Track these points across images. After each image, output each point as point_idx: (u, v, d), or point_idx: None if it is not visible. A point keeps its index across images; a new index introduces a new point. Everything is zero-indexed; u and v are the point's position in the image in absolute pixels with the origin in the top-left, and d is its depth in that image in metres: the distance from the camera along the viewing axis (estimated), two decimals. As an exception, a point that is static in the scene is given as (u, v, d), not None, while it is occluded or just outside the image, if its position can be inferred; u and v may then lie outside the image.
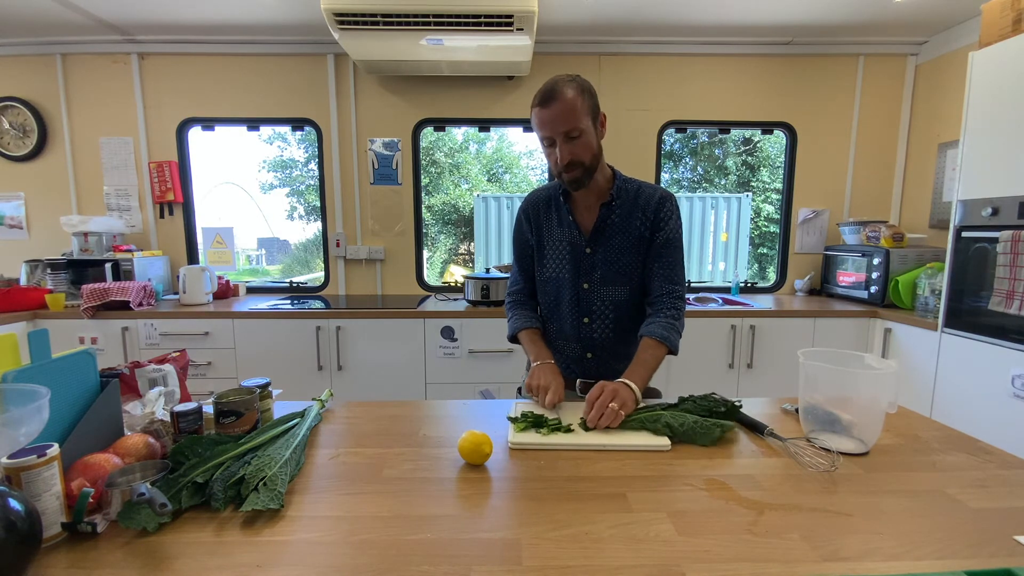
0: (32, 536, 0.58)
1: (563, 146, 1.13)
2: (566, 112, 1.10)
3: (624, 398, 1.05)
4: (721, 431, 0.98)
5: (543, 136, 1.15)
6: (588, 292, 1.28)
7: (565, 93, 1.10)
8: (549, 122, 1.12)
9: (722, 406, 1.07)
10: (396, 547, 0.66)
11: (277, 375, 2.53)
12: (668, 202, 1.25)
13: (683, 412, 1.04)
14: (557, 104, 1.10)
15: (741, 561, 0.63)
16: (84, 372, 0.84)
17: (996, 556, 0.64)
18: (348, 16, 2.20)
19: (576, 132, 1.12)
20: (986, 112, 1.99)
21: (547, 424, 1.03)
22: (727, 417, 1.06)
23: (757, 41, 2.95)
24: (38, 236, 3.08)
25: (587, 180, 1.19)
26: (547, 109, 1.11)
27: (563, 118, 1.11)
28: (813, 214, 3.16)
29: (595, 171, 1.19)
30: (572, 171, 1.16)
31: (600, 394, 1.06)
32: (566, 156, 1.14)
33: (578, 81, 1.14)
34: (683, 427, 0.98)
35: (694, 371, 2.63)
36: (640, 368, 1.15)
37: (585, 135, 1.13)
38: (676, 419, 1.00)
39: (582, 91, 1.13)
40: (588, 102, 1.13)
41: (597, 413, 1.02)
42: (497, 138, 8.56)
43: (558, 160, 1.15)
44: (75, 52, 2.93)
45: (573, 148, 1.13)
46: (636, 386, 1.10)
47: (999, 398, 1.95)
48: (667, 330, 1.20)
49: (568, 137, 1.12)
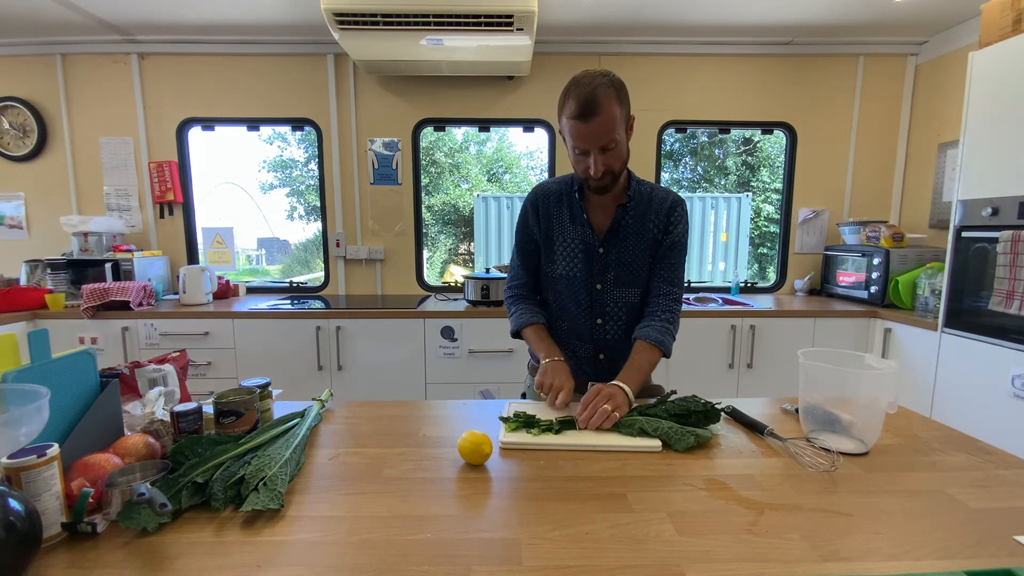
0: (32, 536, 0.58)
1: (598, 158, 1.09)
2: (607, 127, 1.06)
3: (618, 401, 1.05)
4: (695, 440, 0.95)
5: (577, 147, 1.11)
6: (601, 293, 1.26)
7: (606, 106, 1.04)
8: (588, 136, 1.07)
9: (701, 407, 1.04)
10: (396, 547, 0.66)
11: (277, 375, 2.53)
12: (680, 206, 1.25)
13: (657, 417, 1.02)
14: (597, 119, 1.04)
15: (741, 561, 0.63)
16: (84, 372, 0.84)
17: (996, 556, 0.64)
18: (348, 16, 2.20)
19: (613, 144, 1.08)
20: (986, 112, 1.99)
21: (538, 424, 1.02)
22: (706, 418, 1.04)
23: (757, 41, 2.95)
24: (38, 236, 3.08)
25: (614, 185, 1.17)
26: (586, 123, 1.05)
27: (603, 133, 1.06)
28: (813, 214, 3.16)
29: (621, 176, 1.18)
30: (603, 179, 1.13)
31: (595, 396, 1.06)
32: (600, 168, 1.10)
33: (615, 85, 1.07)
34: (656, 432, 0.97)
35: (694, 371, 2.63)
36: (634, 371, 1.15)
37: (620, 145, 1.10)
38: (650, 424, 0.99)
39: (620, 100, 1.07)
40: (624, 110, 1.09)
41: (589, 414, 1.02)
42: (497, 138, 8.56)
43: (591, 170, 1.11)
44: (75, 52, 2.93)
45: (607, 159, 1.10)
46: (630, 389, 1.10)
47: (999, 398, 1.95)
48: (661, 333, 1.20)
49: (604, 149, 1.08)
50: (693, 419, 1.03)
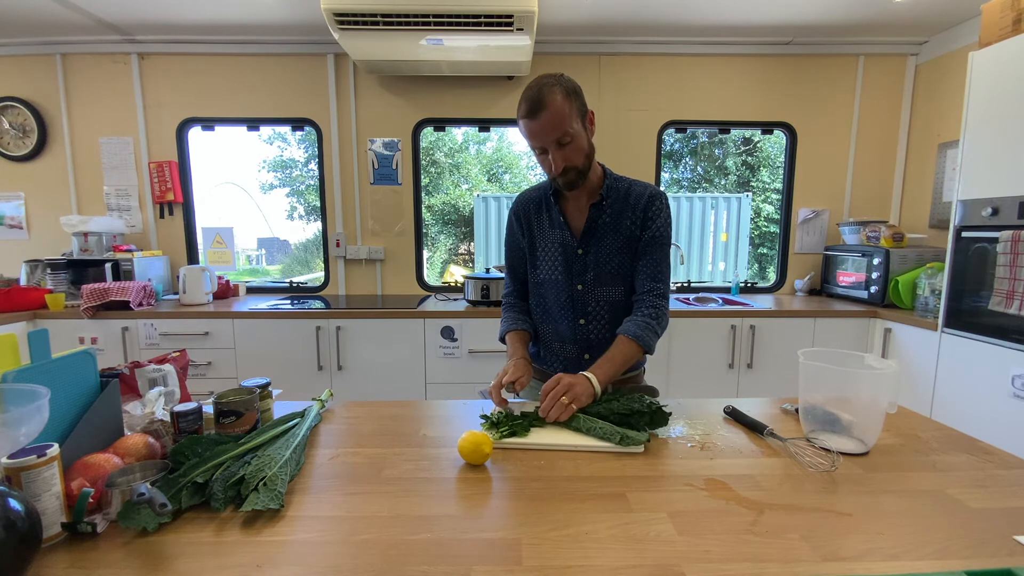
0: (32, 536, 0.58)
1: (556, 153, 1.12)
2: (555, 121, 1.08)
3: (577, 392, 1.05)
4: (621, 439, 0.93)
5: (534, 145, 1.14)
6: (583, 293, 1.27)
7: (551, 101, 1.07)
8: (539, 132, 1.10)
9: (646, 408, 1.01)
10: (396, 547, 0.66)
11: (277, 375, 2.53)
12: (658, 200, 1.24)
13: (597, 416, 1.01)
14: (545, 114, 1.08)
15: (741, 561, 0.63)
16: (84, 372, 0.84)
17: (996, 556, 0.64)
18: (348, 16, 2.20)
19: (567, 138, 1.11)
20: (986, 112, 1.99)
21: (507, 424, 1.01)
22: (651, 420, 1.01)
23: (757, 41, 2.95)
24: (38, 236, 3.08)
25: (582, 180, 1.18)
26: (535, 120, 1.09)
27: (552, 127, 1.09)
28: (813, 214, 3.16)
29: (589, 171, 1.19)
30: (567, 175, 1.16)
31: (554, 385, 1.06)
32: (560, 163, 1.13)
33: (562, 83, 1.10)
34: (590, 431, 0.98)
35: (694, 371, 2.63)
36: (606, 363, 1.15)
37: (576, 139, 1.12)
38: (586, 423, 0.99)
39: (567, 94, 1.10)
40: (575, 104, 1.11)
41: (549, 404, 1.03)
42: (497, 138, 8.55)
43: (552, 167, 1.14)
44: (75, 52, 2.93)
45: (566, 154, 1.13)
46: (597, 380, 1.09)
47: (999, 398, 1.95)
48: (642, 329, 1.19)
49: (559, 144, 1.11)
50: (634, 420, 1.00)
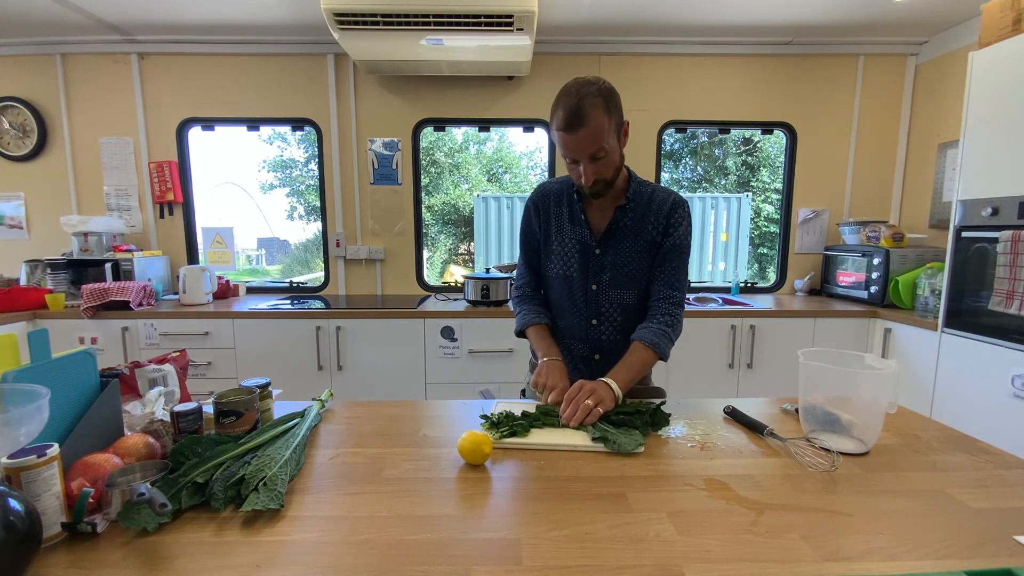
0: (32, 536, 0.58)
1: (588, 166, 1.10)
2: (592, 137, 1.05)
3: (601, 396, 1.05)
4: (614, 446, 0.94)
5: (566, 155, 1.11)
6: (596, 294, 1.26)
7: (592, 116, 1.04)
8: (574, 147, 1.07)
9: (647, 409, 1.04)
10: (396, 547, 0.66)
11: (277, 375, 2.53)
12: (680, 208, 1.23)
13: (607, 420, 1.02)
14: (584, 130, 1.04)
15: (741, 561, 0.63)
16: (84, 372, 0.84)
17: (996, 556, 0.64)
18: (348, 16, 2.20)
19: (602, 153, 1.08)
20: (986, 112, 1.99)
21: (507, 424, 1.01)
22: (652, 422, 1.04)
23: (757, 41, 2.95)
24: (38, 236, 3.08)
25: (608, 191, 1.17)
26: (574, 135, 1.05)
27: (589, 143, 1.06)
28: (813, 214, 3.16)
29: (616, 180, 1.17)
30: (595, 187, 1.14)
31: (578, 392, 1.06)
32: (591, 177, 1.11)
33: (603, 95, 1.05)
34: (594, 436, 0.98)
35: (694, 371, 2.63)
36: (624, 369, 1.15)
37: (610, 154, 1.09)
38: (595, 429, 1.00)
39: (608, 109, 1.06)
40: (614, 119, 1.08)
41: (572, 410, 1.02)
42: (497, 138, 8.56)
43: (582, 179, 1.12)
44: (75, 52, 2.93)
45: (598, 168, 1.10)
46: (617, 385, 1.09)
47: (999, 398, 1.95)
48: (658, 336, 1.19)
49: (593, 158, 1.08)
50: (638, 422, 1.02)
